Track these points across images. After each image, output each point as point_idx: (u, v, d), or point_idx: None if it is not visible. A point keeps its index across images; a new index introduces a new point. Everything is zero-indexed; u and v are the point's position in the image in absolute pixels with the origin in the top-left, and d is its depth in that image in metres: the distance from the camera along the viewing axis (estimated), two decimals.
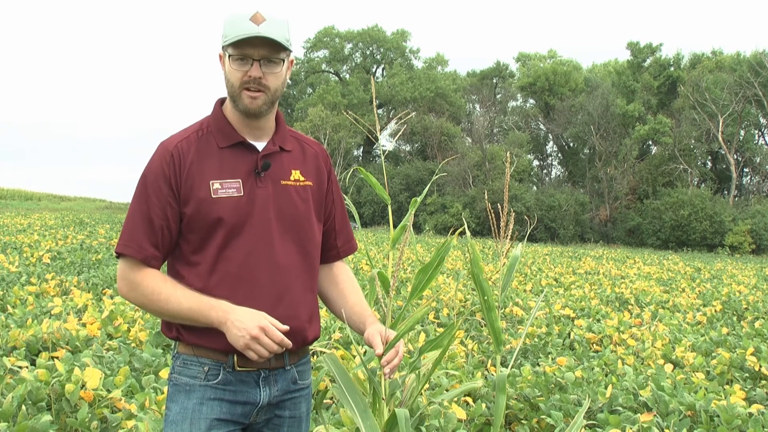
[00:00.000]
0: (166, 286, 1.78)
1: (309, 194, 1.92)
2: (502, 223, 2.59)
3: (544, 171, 55.68)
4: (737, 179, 45.58)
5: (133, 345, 4.96)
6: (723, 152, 45.05)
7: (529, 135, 51.88)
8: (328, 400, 3.98)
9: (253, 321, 1.72)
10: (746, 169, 47.69)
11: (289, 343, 1.77)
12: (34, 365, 3.86)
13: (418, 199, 2.54)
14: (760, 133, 48.27)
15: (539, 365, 4.96)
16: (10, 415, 3.09)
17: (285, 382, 1.88)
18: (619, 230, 42.63)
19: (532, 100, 54.74)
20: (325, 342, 4.94)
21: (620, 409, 3.93)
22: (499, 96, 56.49)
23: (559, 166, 55.39)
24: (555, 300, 9.41)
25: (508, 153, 2.94)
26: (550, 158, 56.35)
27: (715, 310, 9.33)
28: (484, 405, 3.86)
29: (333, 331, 5.43)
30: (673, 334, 6.71)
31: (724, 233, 38.86)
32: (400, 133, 5.27)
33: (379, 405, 2.26)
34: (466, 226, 2.59)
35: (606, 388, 4.13)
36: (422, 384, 2.31)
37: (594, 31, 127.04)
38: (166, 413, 1.84)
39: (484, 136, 48.23)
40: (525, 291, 10.87)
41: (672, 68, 47.83)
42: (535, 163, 54.37)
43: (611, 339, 6.52)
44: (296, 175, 1.91)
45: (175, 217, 1.80)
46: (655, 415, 3.73)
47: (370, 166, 45.74)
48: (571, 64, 55.82)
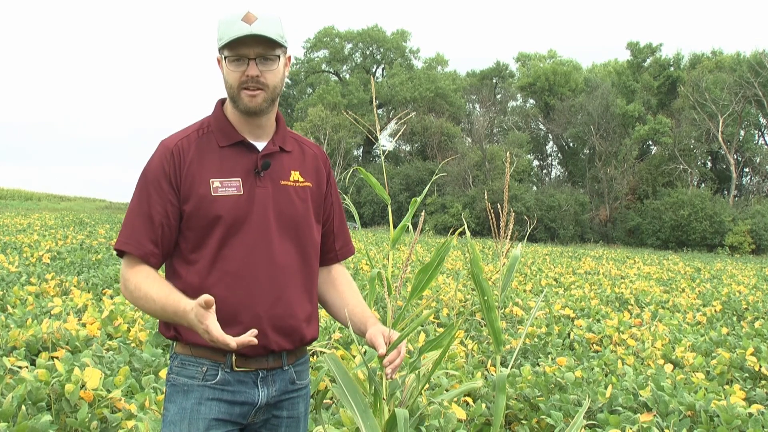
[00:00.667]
0: (146, 283, 1.75)
1: (308, 195, 1.92)
2: (502, 223, 2.59)
3: (544, 171, 55.70)
4: (737, 179, 45.59)
5: (133, 345, 4.95)
6: (723, 152, 45.07)
7: (528, 135, 51.89)
8: (328, 400, 3.98)
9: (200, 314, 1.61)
10: (746, 169, 47.71)
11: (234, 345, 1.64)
12: (34, 365, 3.86)
13: (418, 199, 2.54)
14: (760, 133, 48.31)
15: (539, 365, 4.95)
16: (10, 415, 3.09)
17: (283, 382, 1.88)
18: (619, 230, 42.63)
19: (532, 100, 54.75)
20: (325, 342, 4.94)
21: (620, 409, 3.92)
22: (499, 96, 56.49)
23: (559, 166, 55.43)
24: (555, 300, 9.42)
25: (508, 153, 2.94)
26: (550, 158, 56.40)
27: (715, 311, 9.33)
28: (484, 405, 3.86)
29: (333, 331, 5.43)
30: (673, 335, 6.71)
31: (724, 233, 38.87)
32: (400, 133, 5.28)
33: (380, 405, 2.25)
34: (466, 226, 2.59)
35: (606, 388, 4.13)
36: (422, 384, 2.31)
37: (594, 31, 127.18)
38: (164, 413, 1.84)
39: (484, 136, 48.24)
40: (525, 291, 10.87)
41: (672, 68, 47.86)
42: (535, 163, 54.40)
43: (611, 339, 6.52)
44: (296, 175, 1.91)
45: (175, 215, 1.81)
46: (655, 415, 3.73)
47: (370, 166, 45.74)
48: (571, 64, 55.84)
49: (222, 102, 1.92)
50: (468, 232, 2.55)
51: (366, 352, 3.35)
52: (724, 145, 43.92)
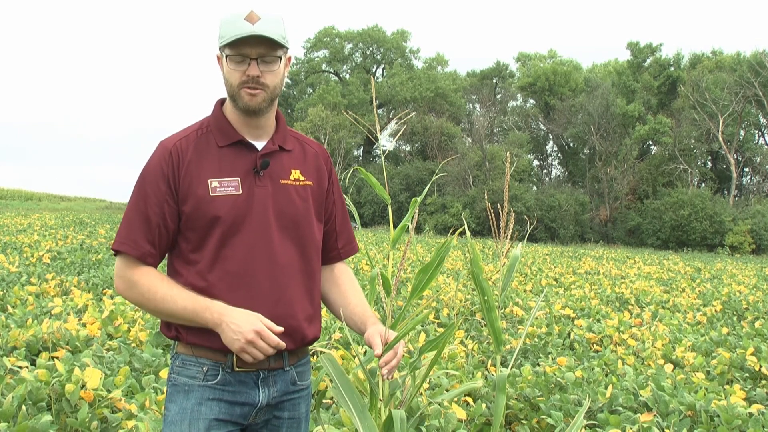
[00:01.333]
0: (162, 285, 1.77)
1: (309, 194, 1.92)
2: (502, 223, 2.59)
3: (544, 171, 55.67)
4: (737, 179, 45.57)
5: (133, 345, 4.96)
6: (723, 152, 45.05)
7: (529, 135, 51.87)
8: (328, 400, 3.98)
9: (248, 324, 1.71)
10: (746, 169, 47.68)
11: (284, 345, 1.77)
12: (35, 365, 3.86)
13: (419, 199, 2.54)
14: (760, 133, 48.28)
15: (539, 365, 4.95)
16: (10, 415, 3.09)
17: (284, 383, 1.88)
18: (619, 230, 42.62)
19: (532, 100, 54.73)
20: (325, 342, 4.94)
21: (620, 409, 3.92)
22: (499, 96, 56.47)
23: (559, 166, 55.40)
24: (555, 300, 9.41)
25: (508, 153, 2.95)
26: (550, 158, 56.36)
27: (715, 310, 9.32)
28: (484, 405, 3.85)
29: (333, 332, 5.43)
30: (673, 334, 6.71)
31: (724, 233, 38.85)
32: (400, 133, 5.29)
33: (377, 405, 2.25)
34: (466, 226, 2.59)
35: (606, 388, 4.13)
36: (419, 384, 2.31)
37: (594, 31, 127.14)
38: (165, 413, 1.84)
39: (484, 136, 48.23)
40: (525, 291, 10.86)
41: (672, 68, 47.82)
42: (535, 163, 54.37)
43: (611, 339, 6.52)
44: (296, 174, 1.91)
45: (172, 215, 1.81)
46: (655, 415, 3.73)
47: (370, 166, 45.73)
48: (571, 64, 55.82)
49: (221, 102, 1.92)
50: (468, 232, 2.55)
51: (365, 353, 3.34)
52: (724, 145, 43.91)
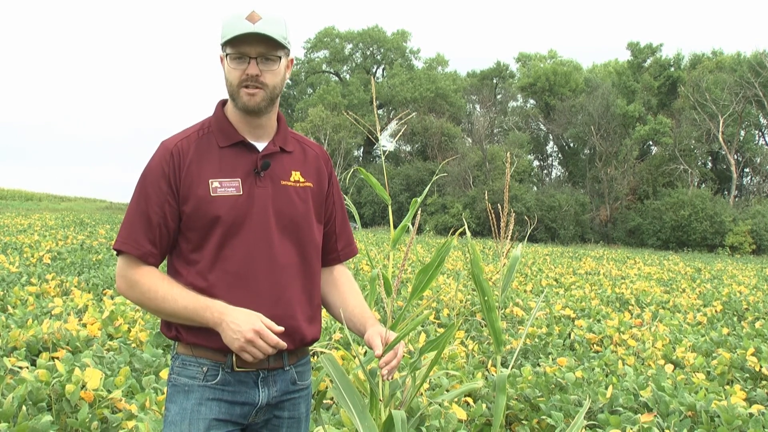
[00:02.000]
0: (163, 285, 1.78)
1: (309, 195, 1.92)
2: (503, 224, 2.59)
3: (545, 171, 55.68)
4: (737, 179, 45.58)
5: (133, 345, 4.96)
6: (723, 152, 45.05)
7: (529, 135, 51.89)
8: (328, 400, 3.98)
9: (248, 323, 1.72)
10: (746, 170, 47.69)
11: (284, 344, 1.77)
12: (35, 365, 3.86)
13: (419, 200, 2.54)
14: (761, 134, 48.29)
15: (540, 366, 4.95)
16: (10, 415, 3.10)
17: (284, 382, 1.88)
18: (620, 231, 42.62)
19: (532, 101, 54.75)
20: (325, 342, 4.94)
21: (621, 409, 3.92)
22: (499, 96, 56.49)
23: (560, 167, 55.42)
24: (555, 300, 9.41)
25: (509, 153, 2.95)
26: (551, 158, 56.39)
27: (716, 311, 9.32)
28: (484, 405, 3.85)
29: (333, 332, 5.43)
30: (673, 335, 6.71)
31: (725, 233, 38.86)
32: (401, 134, 5.29)
33: (377, 406, 2.25)
34: (466, 227, 2.59)
35: (606, 388, 4.13)
36: (420, 384, 2.31)
37: (594, 32, 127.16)
38: (165, 414, 1.84)
39: (485, 137, 48.23)
40: (525, 291, 10.86)
41: (672, 68, 47.84)
42: (536, 163, 54.38)
43: (612, 339, 6.51)
44: (296, 176, 1.91)
45: (173, 215, 1.81)
46: (655, 416, 3.73)
47: (370, 167, 45.73)
48: (572, 64, 55.83)
49: (223, 103, 1.93)
50: (468, 233, 2.55)
51: (366, 353, 3.35)
52: (724, 146, 43.91)
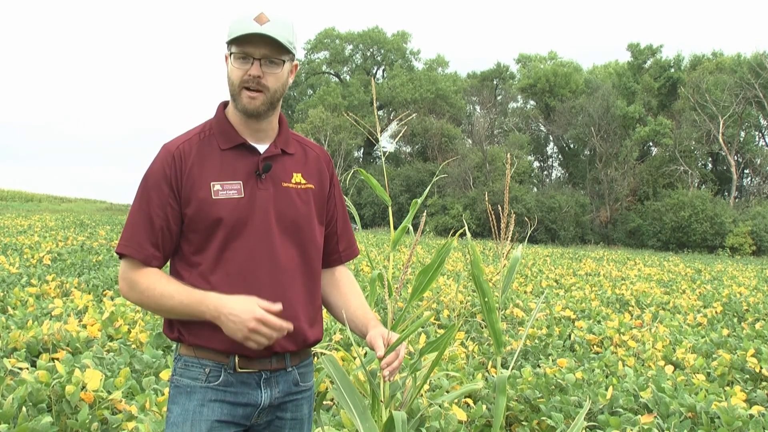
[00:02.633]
0: (160, 282, 1.78)
1: (310, 197, 1.92)
2: (503, 225, 2.59)
3: (545, 172, 55.67)
4: (738, 181, 45.58)
5: (133, 346, 4.96)
6: (723, 154, 45.05)
7: (529, 136, 51.89)
8: (328, 402, 3.98)
9: (246, 312, 1.71)
10: (747, 171, 47.68)
11: (290, 326, 1.76)
12: (35, 367, 3.86)
13: (419, 201, 2.54)
14: (761, 135, 48.28)
15: (540, 367, 4.96)
16: (10, 416, 3.10)
17: (286, 383, 1.88)
18: (620, 232, 42.62)
19: (532, 102, 54.74)
20: (326, 343, 4.94)
21: (621, 410, 3.93)
22: (499, 97, 56.47)
23: (560, 168, 55.40)
24: (555, 301, 9.41)
25: (509, 154, 2.95)
26: (551, 160, 56.36)
27: (716, 312, 9.32)
28: (484, 406, 3.86)
29: (334, 333, 5.43)
30: (673, 336, 6.71)
31: (725, 235, 38.85)
32: (401, 135, 5.29)
33: (378, 407, 2.25)
34: (466, 228, 2.59)
35: (606, 389, 4.13)
36: (420, 385, 2.31)
37: (594, 33, 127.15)
38: (167, 415, 1.84)
39: (485, 138, 48.22)
40: (525, 292, 10.86)
41: (672, 69, 47.83)
42: (536, 164, 54.35)
43: (612, 340, 6.52)
44: (298, 177, 1.91)
45: (175, 218, 1.81)
46: (655, 417, 3.73)
47: (370, 168, 45.75)
48: (572, 65, 55.83)
49: (224, 105, 1.93)
50: (468, 234, 2.55)
51: (366, 354, 3.35)
52: (724, 147, 43.91)
